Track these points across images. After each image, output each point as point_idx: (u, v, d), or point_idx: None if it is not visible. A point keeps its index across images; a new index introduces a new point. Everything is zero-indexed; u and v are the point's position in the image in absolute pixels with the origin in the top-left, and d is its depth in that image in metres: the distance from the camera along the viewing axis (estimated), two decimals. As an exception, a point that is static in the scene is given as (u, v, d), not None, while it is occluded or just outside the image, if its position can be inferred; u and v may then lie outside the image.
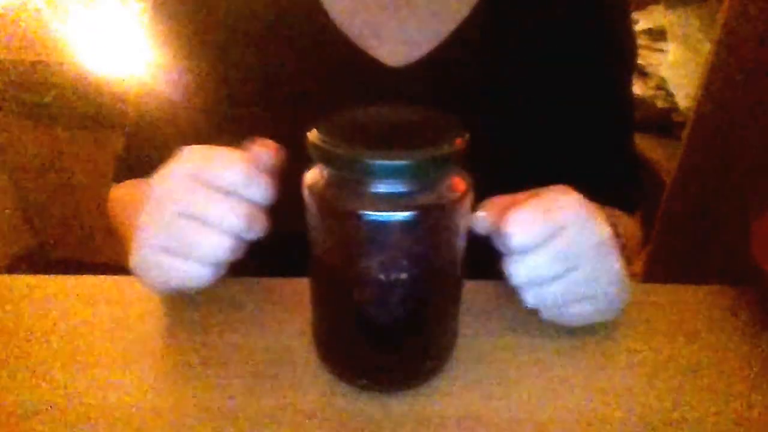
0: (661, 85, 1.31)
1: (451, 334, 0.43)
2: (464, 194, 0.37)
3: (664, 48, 1.30)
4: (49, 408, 0.40)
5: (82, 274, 0.54)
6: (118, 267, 0.50)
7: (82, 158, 1.87)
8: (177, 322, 0.49)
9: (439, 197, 0.36)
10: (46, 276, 0.54)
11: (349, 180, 0.36)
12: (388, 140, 0.36)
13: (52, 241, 2.04)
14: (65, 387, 0.42)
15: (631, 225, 0.67)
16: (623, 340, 0.48)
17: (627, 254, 0.53)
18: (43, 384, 0.42)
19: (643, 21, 1.34)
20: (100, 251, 1.97)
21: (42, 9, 1.69)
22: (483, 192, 0.42)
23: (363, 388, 0.42)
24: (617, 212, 0.64)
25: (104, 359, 0.45)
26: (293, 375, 0.43)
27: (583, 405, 0.42)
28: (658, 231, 1.27)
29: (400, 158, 0.34)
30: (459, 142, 0.36)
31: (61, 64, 1.70)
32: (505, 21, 0.62)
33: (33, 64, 1.72)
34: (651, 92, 1.33)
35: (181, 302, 0.50)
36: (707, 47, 1.16)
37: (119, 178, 0.73)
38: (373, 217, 0.34)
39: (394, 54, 0.61)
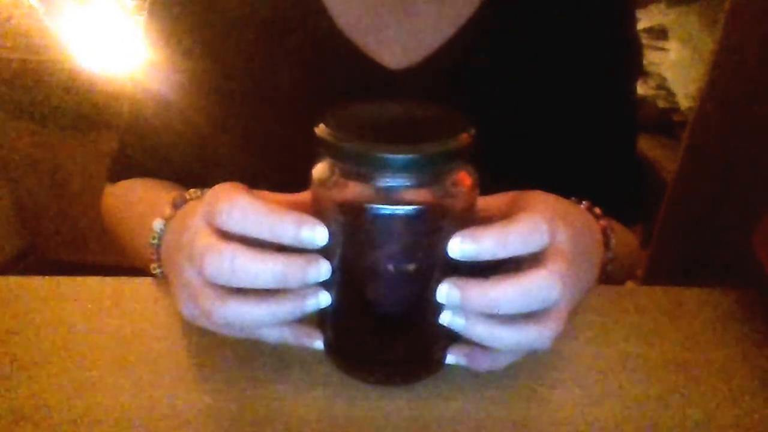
0: (662, 85, 1.31)
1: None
2: (470, 189, 0.37)
3: (666, 47, 1.29)
4: (43, 410, 0.40)
5: (76, 274, 0.53)
6: (112, 267, 0.49)
7: (75, 158, 1.86)
8: (173, 323, 0.48)
9: (446, 191, 0.36)
10: (40, 277, 0.53)
11: (356, 174, 0.36)
12: (395, 134, 0.37)
13: (45, 242, 2.03)
14: (59, 389, 0.41)
15: (627, 239, 0.66)
16: (623, 342, 0.47)
17: (615, 268, 0.53)
18: (37, 386, 0.42)
19: (644, 19, 1.34)
20: (93, 252, 1.96)
21: (34, 6, 1.68)
22: (486, 195, 0.41)
23: (375, 383, 0.42)
24: (614, 225, 0.63)
25: (99, 361, 0.44)
26: (292, 378, 0.43)
27: (582, 408, 0.41)
28: (659, 232, 1.26)
29: (408, 152, 0.34)
30: (466, 137, 0.36)
31: (54, 62, 1.69)
32: (508, 24, 0.62)
33: (25, 62, 1.71)
34: (652, 92, 1.33)
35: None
36: (709, 46, 1.16)
37: (114, 177, 0.72)
38: (381, 211, 0.35)
39: (396, 56, 0.61)
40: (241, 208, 0.36)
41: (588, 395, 0.42)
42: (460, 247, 0.35)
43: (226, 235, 0.37)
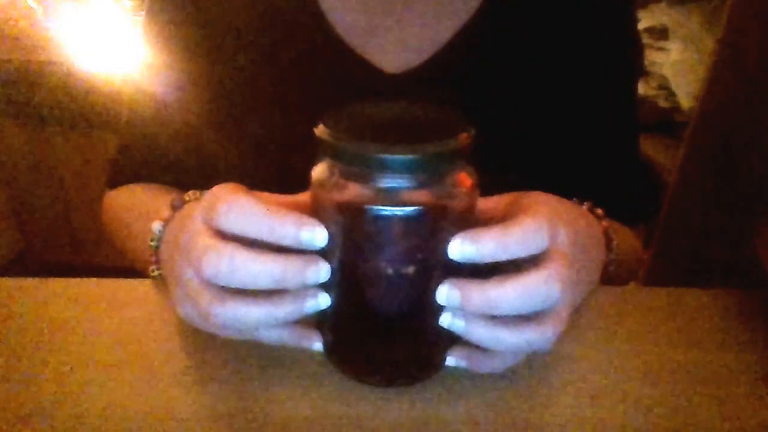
0: (664, 85, 1.30)
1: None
2: (471, 189, 0.37)
3: (667, 47, 1.29)
4: (40, 412, 0.39)
5: (73, 276, 0.53)
6: (110, 269, 0.48)
7: (72, 159, 1.86)
8: (171, 325, 0.47)
9: (446, 192, 0.36)
10: (37, 279, 0.53)
11: (356, 174, 0.35)
12: (395, 135, 0.36)
13: (42, 244, 2.02)
14: (57, 391, 0.41)
15: (629, 240, 0.65)
16: (624, 344, 0.47)
17: (617, 270, 0.53)
18: (35, 388, 0.41)
19: (645, 19, 1.33)
20: (91, 253, 1.96)
21: (33, 8, 1.67)
22: (486, 196, 0.41)
23: (375, 385, 0.42)
24: (616, 226, 0.63)
25: (96, 363, 0.44)
26: (291, 379, 0.43)
27: (584, 410, 0.41)
28: (660, 233, 1.26)
29: (407, 153, 0.34)
30: (465, 137, 0.36)
31: (52, 63, 1.69)
32: (506, 26, 0.61)
33: (23, 63, 1.71)
34: (653, 92, 1.32)
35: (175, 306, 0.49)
36: (710, 46, 1.15)
37: (113, 182, 0.72)
38: (380, 212, 0.35)
39: (393, 60, 0.61)
40: (240, 208, 0.36)
41: (589, 397, 0.42)
42: (460, 248, 0.35)
43: (225, 236, 0.36)
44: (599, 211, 0.52)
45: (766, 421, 0.40)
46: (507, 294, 0.35)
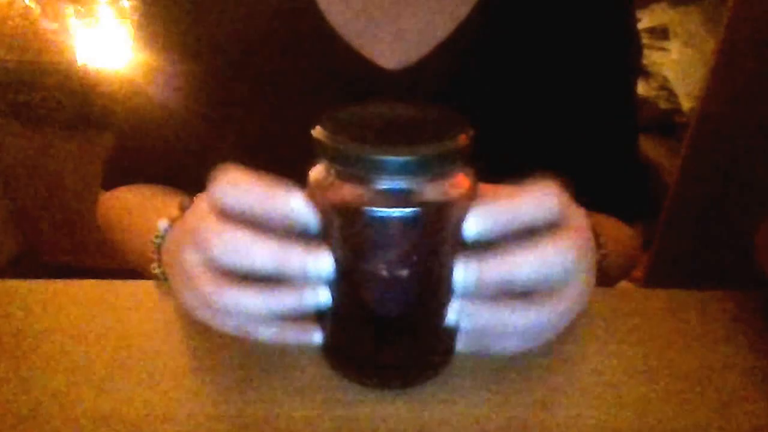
0: (664, 85, 1.30)
1: (457, 329, 0.43)
2: (469, 190, 0.37)
3: (667, 47, 1.29)
4: (41, 413, 0.39)
5: (73, 278, 0.53)
6: (110, 271, 0.48)
7: (72, 160, 1.86)
8: (170, 327, 0.47)
9: (444, 193, 0.36)
10: (36, 281, 0.53)
11: (353, 176, 0.35)
12: (392, 136, 0.36)
13: (42, 245, 2.02)
14: (57, 392, 0.41)
15: (621, 234, 0.65)
16: (624, 346, 0.47)
17: (610, 266, 0.53)
18: (35, 391, 0.41)
19: (645, 19, 1.33)
20: (91, 255, 1.95)
21: (31, 8, 1.67)
22: None
23: (372, 387, 0.42)
24: (605, 219, 0.63)
25: (96, 365, 0.44)
26: (290, 382, 0.42)
27: (584, 412, 0.41)
28: (660, 234, 1.26)
29: (404, 154, 0.33)
30: (464, 139, 0.35)
31: (51, 63, 1.69)
32: (504, 24, 0.61)
33: (22, 63, 1.71)
34: (653, 92, 1.32)
35: (175, 307, 0.49)
36: (711, 46, 1.15)
37: (109, 184, 0.71)
38: (377, 213, 0.34)
39: (391, 57, 0.61)
40: (232, 179, 0.37)
41: (588, 398, 0.42)
42: (474, 225, 0.35)
43: (232, 220, 0.37)
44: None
45: (766, 423, 0.40)
46: (524, 260, 0.35)
